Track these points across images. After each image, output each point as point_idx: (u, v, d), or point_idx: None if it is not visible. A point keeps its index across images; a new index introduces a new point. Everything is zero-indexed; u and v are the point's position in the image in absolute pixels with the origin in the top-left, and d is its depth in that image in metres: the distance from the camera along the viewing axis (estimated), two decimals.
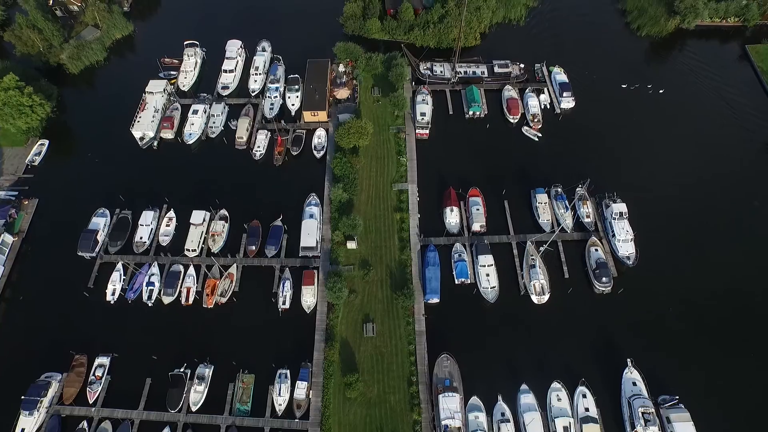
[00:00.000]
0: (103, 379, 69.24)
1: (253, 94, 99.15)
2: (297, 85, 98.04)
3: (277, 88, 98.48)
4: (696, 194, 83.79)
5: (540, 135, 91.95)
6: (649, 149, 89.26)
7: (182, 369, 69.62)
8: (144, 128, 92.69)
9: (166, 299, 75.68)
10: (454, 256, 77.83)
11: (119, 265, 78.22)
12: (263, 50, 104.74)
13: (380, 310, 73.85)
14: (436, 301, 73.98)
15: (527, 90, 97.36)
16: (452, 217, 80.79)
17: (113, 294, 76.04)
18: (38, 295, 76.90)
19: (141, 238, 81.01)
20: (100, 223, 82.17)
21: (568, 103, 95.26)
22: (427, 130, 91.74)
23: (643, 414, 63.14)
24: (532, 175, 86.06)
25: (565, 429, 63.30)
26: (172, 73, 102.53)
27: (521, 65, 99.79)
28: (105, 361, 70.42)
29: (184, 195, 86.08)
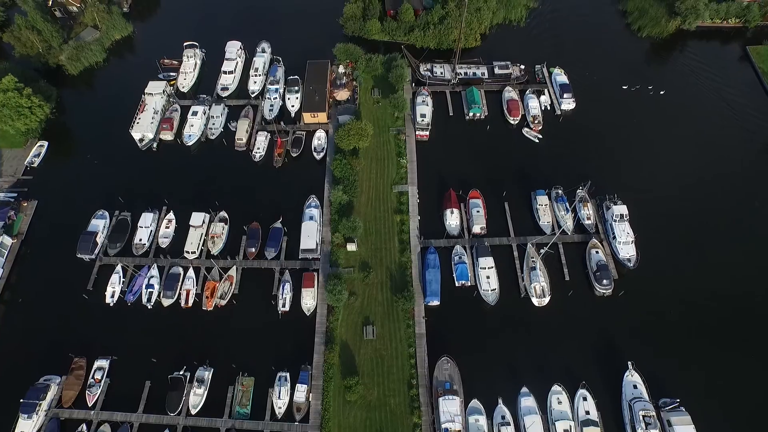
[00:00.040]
0: (103, 381, 69.03)
1: (252, 95, 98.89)
2: (297, 87, 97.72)
3: (276, 90, 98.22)
4: (697, 195, 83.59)
5: (540, 136, 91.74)
6: (650, 150, 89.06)
7: (182, 372, 69.51)
8: (143, 129, 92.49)
9: (166, 301, 75.53)
10: (454, 258, 77.64)
11: (119, 267, 78.04)
12: (263, 51, 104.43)
13: (380, 313, 73.68)
14: (436, 303, 73.79)
15: (528, 91, 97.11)
16: (452, 219, 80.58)
17: (113, 296, 75.88)
18: (37, 298, 76.73)
19: (140, 240, 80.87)
20: (100, 224, 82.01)
21: (568, 105, 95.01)
22: (428, 132, 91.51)
23: (644, 417, 63.00)
24: (532, 177, 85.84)
25: None
26: (171, 74, 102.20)
27: (522, 66, 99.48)
28: (104, 363, 70.24)
29: (183, 197, 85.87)
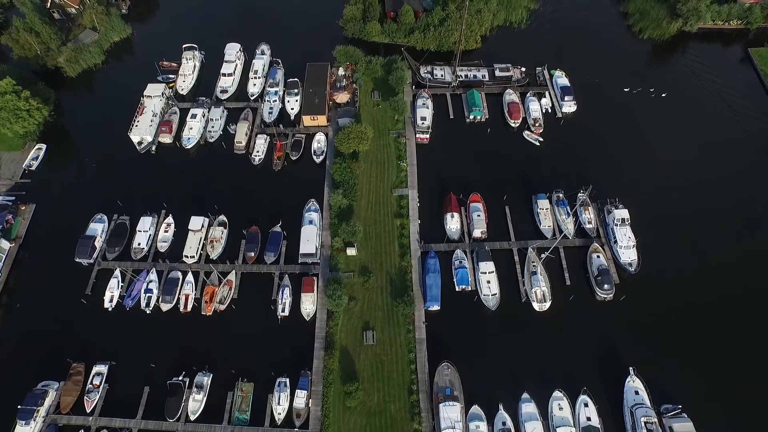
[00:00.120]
0: (101, 387, 68.63)
1: (252, 98, 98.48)
2: (296, 89, 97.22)
3: (276, 92, 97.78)
4: (698, 198, 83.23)
5: (541, 139, 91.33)
6: (652, 153, 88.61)
7: (181, 377, 69.11)
8: (142, 132, 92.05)
9: (165, 306, 75.10)
10: (454, 262, 77.20)
11: (117, 272, 77.58)
12: (262, 53, 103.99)
13: (380, 318, 73.30)
14: (436, 308, 73.36)
15: (528, 94, 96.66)
16: (453, 223, 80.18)
17: (111, 301, 75.48)
18: (35, 302, 76.33)
19: (139, 244, 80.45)
20: (98, 228, 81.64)
21: (569, 107, 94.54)
22: (428, 135, 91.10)
23: (645, 423, 62.65)
24: (533, 181, 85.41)
25: None
26: (170, 76, 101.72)
27: (522, 69, 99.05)
28: (103, 369, 69.85)
29: (182, 200, 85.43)
